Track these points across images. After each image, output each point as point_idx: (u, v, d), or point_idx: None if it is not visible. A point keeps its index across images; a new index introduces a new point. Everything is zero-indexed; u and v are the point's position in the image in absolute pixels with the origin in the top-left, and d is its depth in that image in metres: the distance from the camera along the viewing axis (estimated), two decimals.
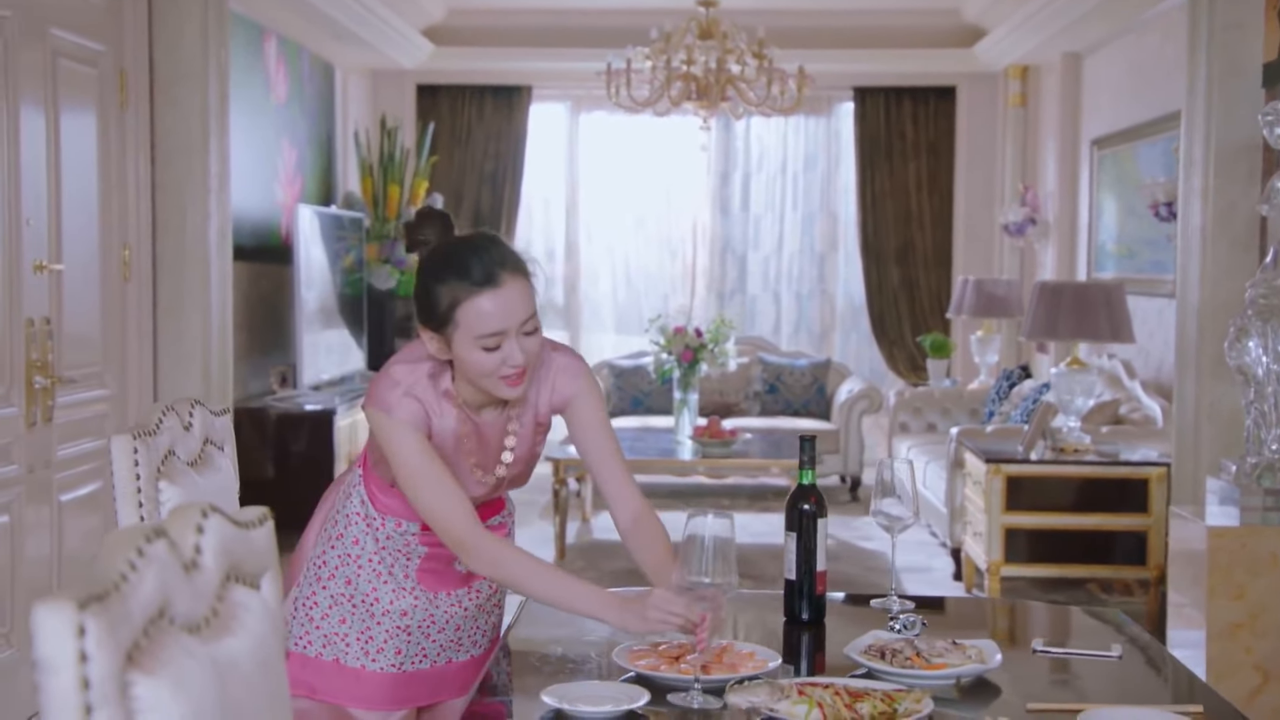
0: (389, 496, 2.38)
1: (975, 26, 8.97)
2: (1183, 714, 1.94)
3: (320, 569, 2.44)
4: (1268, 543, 3.90)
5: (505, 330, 2.17)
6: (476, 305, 2.16)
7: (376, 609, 2.39)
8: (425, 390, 2.26)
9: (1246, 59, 4.94)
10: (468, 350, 2.18)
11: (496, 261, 2.18)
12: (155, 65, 5.14)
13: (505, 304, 2.17)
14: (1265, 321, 3.96)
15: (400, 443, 2.23)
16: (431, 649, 2.43)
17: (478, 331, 2.16)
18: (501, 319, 2.17)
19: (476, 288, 2.16)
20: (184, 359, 5.24)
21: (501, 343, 2.18)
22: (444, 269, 2.19)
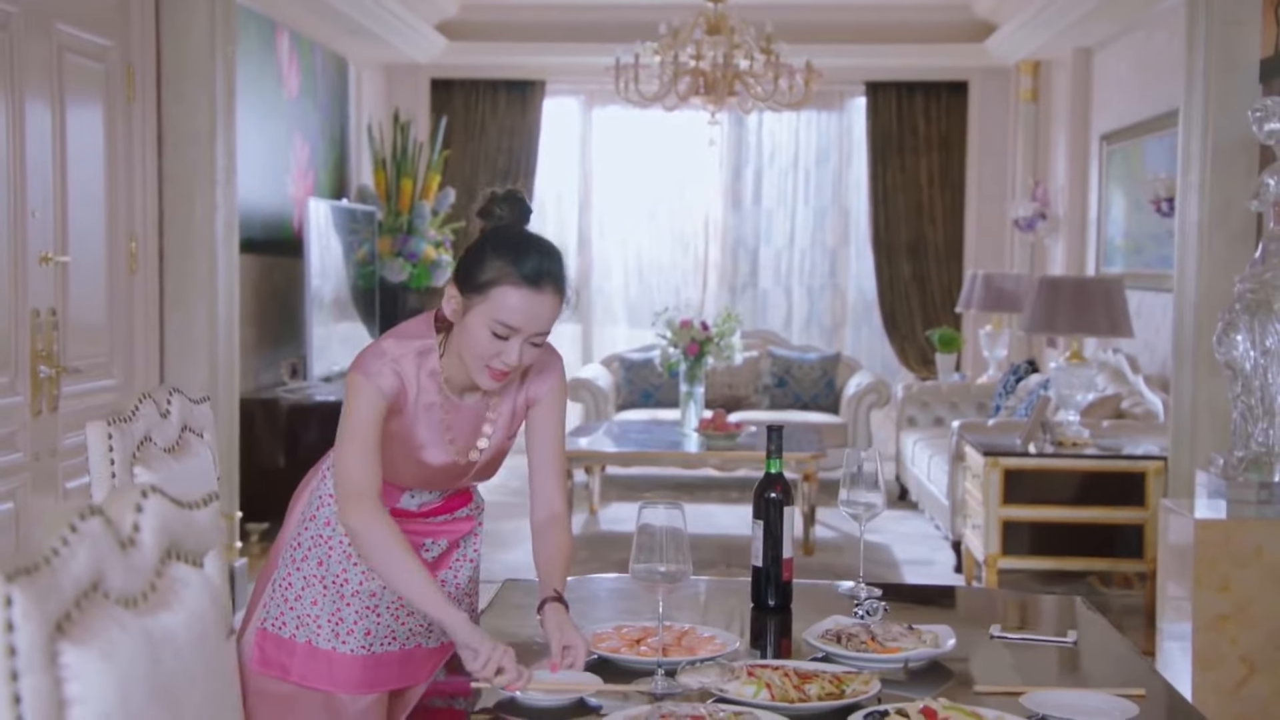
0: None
1: (987, 21, 8.97)
2: (1124, 696, 1.98)
3: (295, 550, 2.50)
4: (1254, 535, 3.92)
5: (520, 329, 2.25)
6: (513, 293, 2.23)
7: (346, 589, 2.44)
8: (409, 366, 2.33)
9: (1244, 55, 4.96)
10: (479, 327, 2.26)
11: (550, 271, 2.26)
12: (163, 60, 5.22)
13: (535, 308, 2.24)
14: (1253, 315, 3.99)
15: (359, 403, 2.30)
16: (401, 631, 2.47)
17: (499, 316, 2.24)
18: (524, 318, 2.24)
19: (522, 280, 2.23)
20: (190, 349, 5.32)
21: (510, 337, 2.25)
22: (507, 248, 2.27)
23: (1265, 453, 4.02)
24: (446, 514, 2.52)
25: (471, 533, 2.58)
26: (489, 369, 2.28)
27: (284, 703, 2.42)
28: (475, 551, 2.60)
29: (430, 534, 2.50)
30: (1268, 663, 3.89)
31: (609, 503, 8.03)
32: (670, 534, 2.07)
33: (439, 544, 2.52)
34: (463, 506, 2.56)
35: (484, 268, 2.25)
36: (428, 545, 2.50)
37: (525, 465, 2.54)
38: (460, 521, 2.54)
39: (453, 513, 2.50)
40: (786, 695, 1.95)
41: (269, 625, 2.45)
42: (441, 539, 2.52)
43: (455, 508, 2.52)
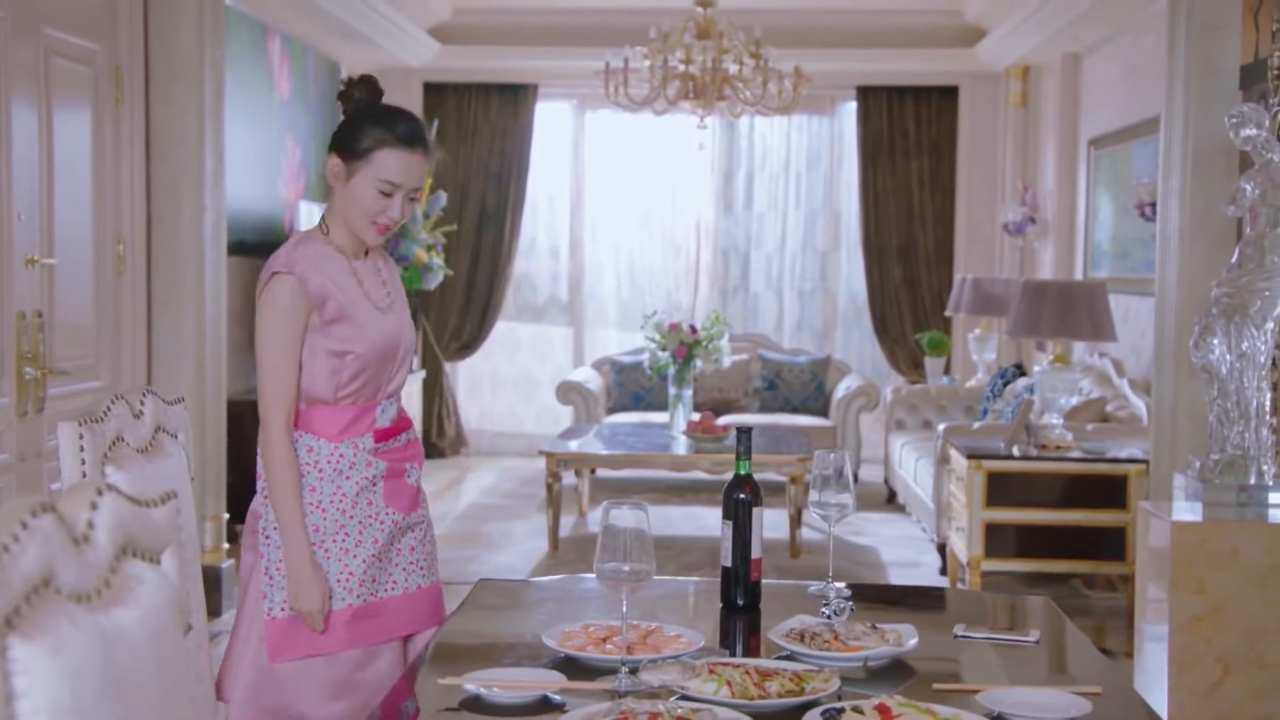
0: (333, 420, 2.59)
1: (976, 26, 9.01)
2: (1080, 694, 2.01)
3: (274, 534, 2.59)
4: (1229, 537, 3.95)
5: (401, 185, 2.56)
6: (393, 154, 2.55)
7: (349, 542, 2.59)
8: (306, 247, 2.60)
9: (1224, 60, 4.99)
10: (365, 187, 2.56)
11: (420, 134, 2.60)
12: (151, 63, 5.25)
13: (411, 167, 2.57)
14: (1229, 320, 4.02)
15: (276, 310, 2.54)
16: (399, 575, 2.65)
17: (382, 175, 2.55)
18: (403, 175, 2.56)
19: (399, 142, 2.56)
20: (178, 352, 5.35)
21: (393, 194, 2.56)
22: (382, 118, 2.59)
23: (1241, 455, 4.05)
24: (405, 433, 2.71)
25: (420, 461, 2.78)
26: (375, 224, 2.58)
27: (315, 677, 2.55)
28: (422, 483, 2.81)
29: (407, 459, 2.70)
30: (1243, 664, 3.92)
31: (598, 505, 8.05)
32: (634, 534, 2.09)
33: (414, 469, 2.72)
34: (410, 427, 2.76)
35: (363, 136, 2.56)
36: (409, 471, 2.70)
37: (507, 464, 2.70)
38: (415, 444, 2.75)
39: (408, 431, 2.73)
40: (746, 692, 1.98)
41: (276, 612, 2.56)
42: (414, 464, 2.72)
43: (408, 426, 2.74)
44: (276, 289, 2.54)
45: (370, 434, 2.62)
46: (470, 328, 9.87)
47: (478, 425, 10.25)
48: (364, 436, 2.61)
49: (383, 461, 2.63)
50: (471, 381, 10.26)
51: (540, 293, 10.20)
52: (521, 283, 10.13)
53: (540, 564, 6.64)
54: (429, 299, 9.58)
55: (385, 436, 2.64)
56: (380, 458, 2.63)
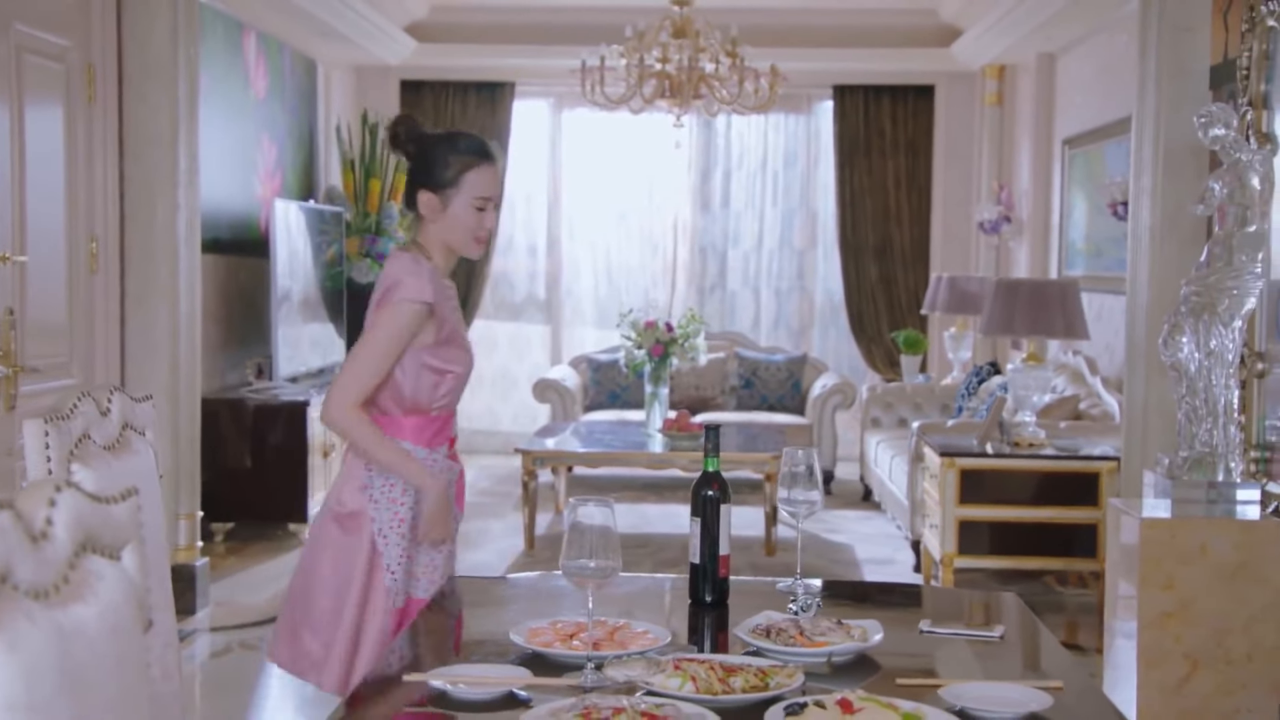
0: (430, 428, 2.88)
1: (952, 26, 9.05)
2: (1042, 688, 2.03)
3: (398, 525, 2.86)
4: (1197, 534, 3.98)
5: (492, 197, 2.84)
6: (478, 172, 2.82)
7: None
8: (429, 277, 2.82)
9: (1194, 61, 5.03)
10: (463, 208, 2.82)
11: (491, 147, 2.89)
12: (124, 60, 5.24)
13: (496, 178, 2.86)
14: (1197, 318, 4.05)
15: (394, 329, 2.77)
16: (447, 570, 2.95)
17: (477, 193, 2.82)
18: (491, 188, 2.84)
19: (481, 160, 2.83)
20: (152, 349, 5.34)
21: (485, 207, 2.84)
22: (456, 144, 2.85)
23: (1209, 453, 4.08)
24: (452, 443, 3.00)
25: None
26: (476, 239, 2.87)
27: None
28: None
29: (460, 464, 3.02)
30: (1210, 659, 3.95)
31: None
32: (600, 531, 2.10)
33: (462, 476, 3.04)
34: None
35: (447, 165, 2.82)
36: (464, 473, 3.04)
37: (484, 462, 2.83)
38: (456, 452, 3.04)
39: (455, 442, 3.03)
40: (711, 688, 1.99)
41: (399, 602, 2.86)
42: (456, 467, 3.00)
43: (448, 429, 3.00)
44: (407, 313, 2.77)
45: (447, 442, 2.95)
46: None
47: None
48: (444, 445, 2.94)
49: (458, 465, 2.98)
50: None
51: (518, 291, 10.20)
52: (499, 281, 10.13)
53: (516, 561, 6.65)
54: None
55: (451, 444, 2.98)
56: (453, 460, 2.97)
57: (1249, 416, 4.62)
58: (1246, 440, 4.61)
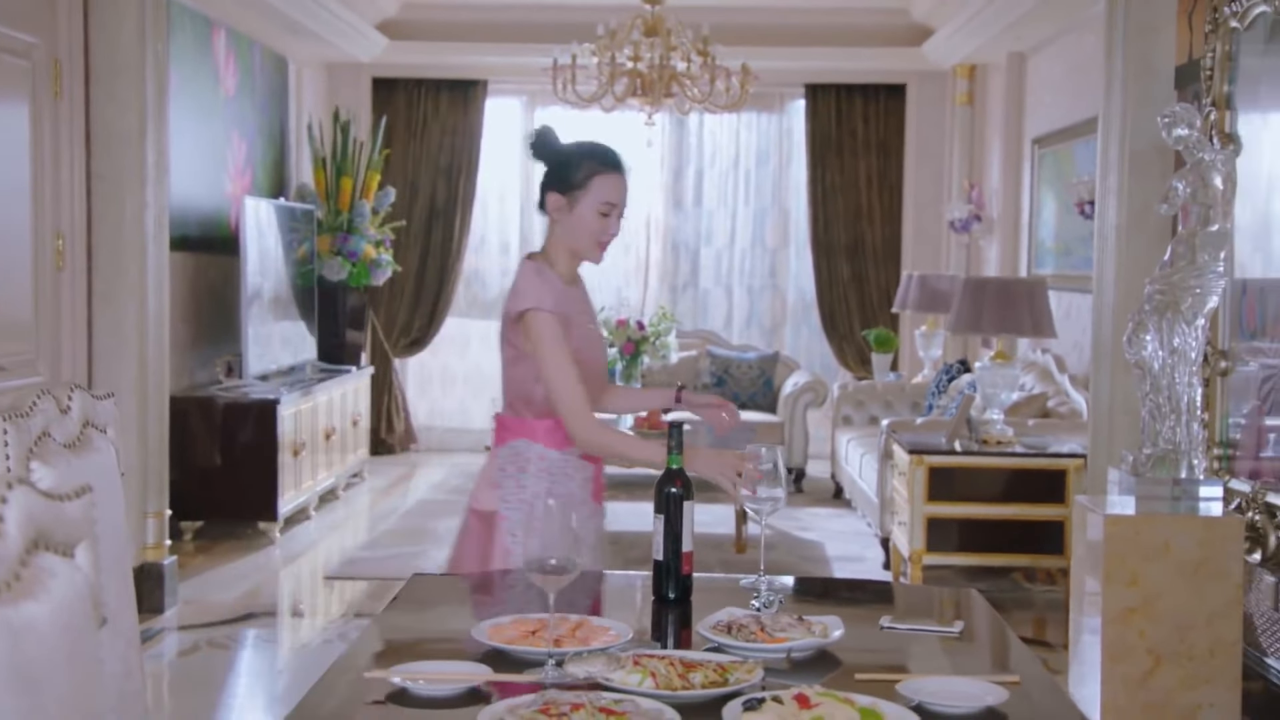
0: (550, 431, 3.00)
1: (924, 25, 9.08)
2: (999, 683, 2.04)
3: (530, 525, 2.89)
4: (1161, 531, 4.01)
5: (618, 205, 2.97)
6: (609, 180, 2.96)
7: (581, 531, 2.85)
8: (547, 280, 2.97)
9: (1160, 62, 5.07)
10: (589, 211, 2.96)
11: (621, 158, 3.02)
12: (91, 57, 5.21)
13: (623, 186, 3.00)
14: (1161, 316, 4.08)
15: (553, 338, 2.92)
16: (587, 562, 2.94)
17: (603, 198, 2.95)
18: (620, 195, 2.98)
19: (610, 168, 2.97)
20: (120, 347, 5.32)
21: (611, 213, 2.96)
22: (589, 151, 3.00)
23: (1173, 450, 4.12)
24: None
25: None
26: (600, 244, 3.01)
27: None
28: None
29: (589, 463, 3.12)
30: (1173, 655, 3.98)
31: None
32: (561, 529, 2.11)
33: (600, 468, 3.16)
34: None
35: (577, 170, 2.96)
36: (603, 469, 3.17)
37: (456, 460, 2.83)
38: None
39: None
40: (670, 683, 2.00)
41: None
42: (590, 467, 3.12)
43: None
44: (544, 324, 2.92)
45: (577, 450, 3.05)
46: (420, 324, 9.85)
47: (427, 421, 10.23)
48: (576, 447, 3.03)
49: (590, 465, 3.10)
50: (421, 378, 10.24)
51: (490, 289, 10.19)
52: (472, 279, 10.12)
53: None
54: (377, 295, 9.55)
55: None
56: (588, 460, 3.09)
57: (1212, 414, 4.67)
58: (1210, 437, 4.66)
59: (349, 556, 6.72)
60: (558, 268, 3.02)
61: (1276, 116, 4.44)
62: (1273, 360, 4.34)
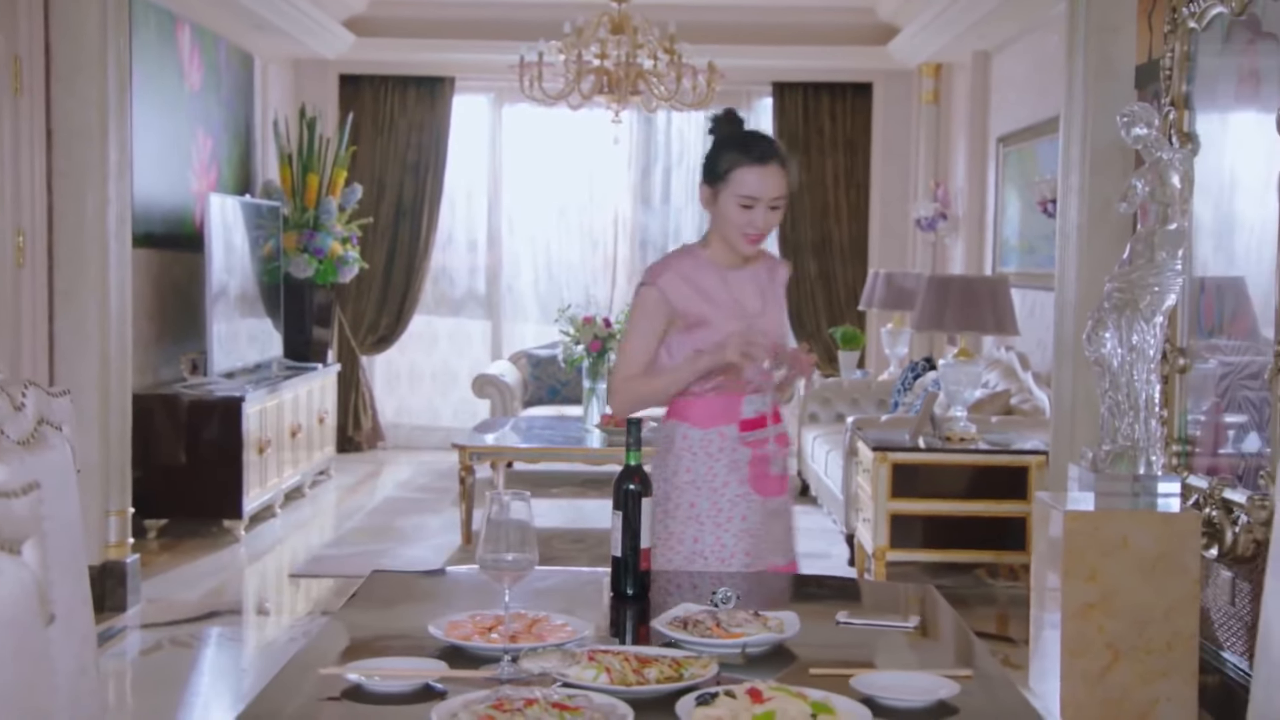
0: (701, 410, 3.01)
1: (889, 24, 9.12)
2: (952, 677, 2.06)
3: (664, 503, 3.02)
4: (1119, 526, 4.05)
5: (758, 198, 2.93)
6: (746, 171, 2.93)
7: (721, 517, 3.00)
8: (681, 262, 3.05)
9: (1120, 61, 5.11)
10: (729, 203, 2.95)
11: (769, 151, 2.97)
12: (52, 53, 5.18)
13: (764, 179, 2.94)
14: (1120, 314, 4.12)
15: (640, 312, 3.03)
16: (765, 551, 3.03)
17: (739, 191, 2.93)
18: (758, 189, 2.93)
19: (752, 160, 2.94)
20: (81, 345, 5.29)
21: (753, 206, 2.93)
22: (734, 143, 3.00)
23: (1131, 446, 4.16)
24: (774, 424, 3.08)
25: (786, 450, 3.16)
26: (745, 236, 2.97)
27: None
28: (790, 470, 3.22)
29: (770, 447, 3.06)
30: (1131, 649, 4.02)
31: None
32: (517, 525, 2.12)
33: (781, 456, 3.10)
34: (780, 422, 3.11)
35: (720, 161, 2.97)
36: (774, 459, 3.07)
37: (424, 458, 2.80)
38: (783, 435, 3.12)
39: (777, 424, 3.09)
40: (625, 679, 2.01)
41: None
42: (780, 454, 3.10)
43: (776, 419, 3.09)
44: (643, 296, 3.03)
45: (735, 424, 3.03)
46: (387, 321, 9.83)
47: (395, 419, 10.21)
48: (729, 425, 3.02)
49: (747, 449, 3.02)
50: (389, 375, 10.21)
51: (458, 286, 10.18)
52: (439, 276, 10.10)
53: (452, 557, 6.64)
54: (344, 292, 9.52)
55: (751, 426, 3.04)
56: (747, 445, 3.02)
57: (1170, 411, 4.71)
58: (1169, 434, 4.70)
59: (314, 554, 6.70)
60: (712, 252, 3.04)
61: (1234, 116, 4.48)
62: (1231, 358, 4.39)
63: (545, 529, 7.22)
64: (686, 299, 2.99)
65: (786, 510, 3.15)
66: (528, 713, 1.83)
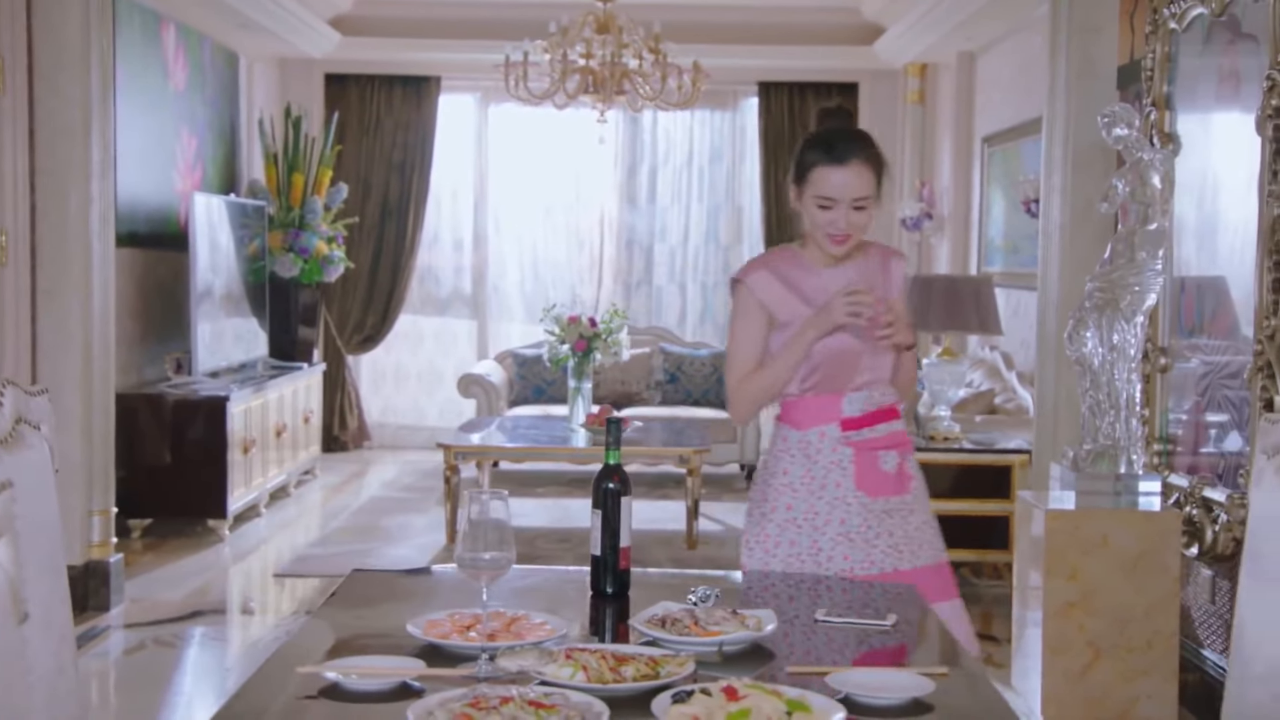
0: (799, 410, 2.95)
1: (875, 24, 9.14)
2: (928, 674, 2.07)
3: (761, 504, 2.99)
4: (1099, 525, 4.07)
5: (837, 199, 2.83)
6: (825, 172, 2.84)
7: (819, 520, 2.92)
8: (776, 259, 3.01)
9: (1102, 62, 5.13)
10: (809, 205, 2.88)
11: (849, 150, 2.85)
12: (35, 51, 5.17)
13: (843, 180, 2.83)
14: (1100, 313, 4.14)
15: (737, 311, 2.99)
16: (877, 556, 2.92)
17: (818, 192, 2.85)
18: (837, 190, 2.83)
19: (828, 161, 2.84)
20: (64, 344, 5.28)
21: (833, 207, 2.83)
22: (815, 142, 2.91)
23: (1112, 445, 4.18)
24: (885, 423, 2.96)
25: (910, 451, 3.05)
26: (829, 236, 2.88)
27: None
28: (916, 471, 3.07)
29: (879, 446, 2.95)
30: (1111, 647, 4.04)
31: None
32: (494, 524, 2.12)
33: (890, 456, 2.97)
34: (895, 420, 3.00)
35: (802, 162, 2.89)
36: (883, 458, 2.95)
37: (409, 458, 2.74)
38: (897, 435, 2.99)
39: (889, 422, 2.97)
40: (602, 677, 2.01)
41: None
42: (891, 451, 2.97)
43: (889, 418, 2.98)
44: (736, 294, 3.00)
45: (836, 423, 2.94)
46: (373, 321, 9.82)
47: (381, 418, 10.20)
48: (830, 425, 2.94)
49: (848, 448, 2.93)
50: (375, 375, 10.20)
51: (444, 286, 10.17)
52: (425, 275, 10.09)
53: (437, 556, 6.64)
54: (330, 292, 9.51)
55: (854, 425, 2.94)
56: (849, 445, 2.93)
57: (1151, 410, 4.73)
58: (1150, 433, 4.72)
59: (299, 554, 6.69)
60: (809, 252, 2.96)
61: (1215, 116, 4.50)
62: (1212, 357, 4.41)
63: (530, 528, 7.22)
64: (777, 297, 2.93)
65: (909, 509, 2.99)
66: (503, 711, 1.83)
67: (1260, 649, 2.20)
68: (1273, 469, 2.25)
